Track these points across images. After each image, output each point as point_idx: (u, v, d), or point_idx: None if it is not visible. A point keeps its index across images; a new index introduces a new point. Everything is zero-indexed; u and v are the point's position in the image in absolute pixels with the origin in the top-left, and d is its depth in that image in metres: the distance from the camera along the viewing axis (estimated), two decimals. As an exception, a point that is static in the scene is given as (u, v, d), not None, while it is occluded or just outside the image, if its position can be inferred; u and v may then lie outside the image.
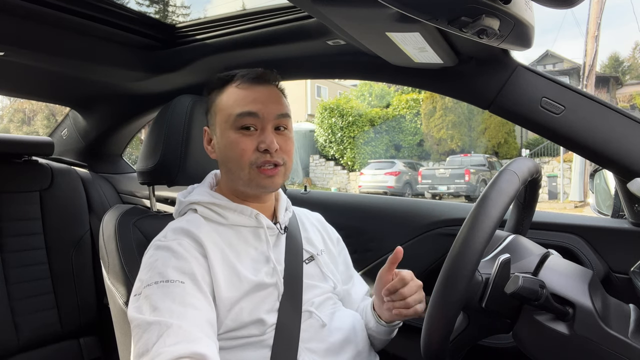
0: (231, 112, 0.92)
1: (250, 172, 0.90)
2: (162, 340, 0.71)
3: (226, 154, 0.93)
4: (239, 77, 0.95)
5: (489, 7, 0.65)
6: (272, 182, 0.92)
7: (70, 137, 2.05)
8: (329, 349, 0.90)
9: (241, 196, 0.97)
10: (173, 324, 0.72)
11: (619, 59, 32.69)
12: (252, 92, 0.93)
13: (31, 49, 1.25)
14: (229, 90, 0.95)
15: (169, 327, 0.72)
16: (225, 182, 0.99)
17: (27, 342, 1.55)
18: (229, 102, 0.93)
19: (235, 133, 0.91)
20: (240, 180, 0.92)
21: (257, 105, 0.91)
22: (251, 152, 0.90)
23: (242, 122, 0.90)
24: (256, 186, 0.92)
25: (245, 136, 0.90)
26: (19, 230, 1.61)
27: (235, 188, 0.96)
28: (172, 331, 0.72)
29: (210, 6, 38.99)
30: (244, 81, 0.94)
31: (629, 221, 1.12)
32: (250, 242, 0.93)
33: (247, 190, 0.94)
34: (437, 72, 1.09)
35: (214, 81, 0.98)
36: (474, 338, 0.83)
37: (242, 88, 0.94)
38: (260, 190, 0.94)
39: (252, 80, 0.94)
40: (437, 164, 14.55)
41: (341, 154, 15.54)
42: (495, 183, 0.74)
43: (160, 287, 0.78)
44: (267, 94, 0.94)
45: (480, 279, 0.77)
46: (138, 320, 0.76)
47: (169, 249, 0.85)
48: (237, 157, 0.90)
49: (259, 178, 0.91)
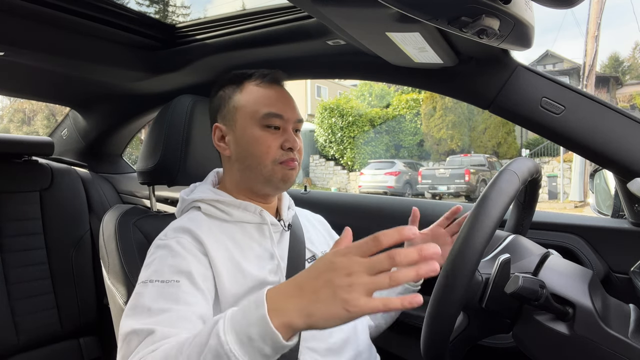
0: (257, 110, 0.93)
1: (274, 168, 0.93)
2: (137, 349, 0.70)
3: (248, 150, 0.94)
4: (258, 75, 0.98)
5: (489, 7, 0.65)
6: (292, 174, 0.95)
7: (70, 137, 2.05)
8: (329, 348, 0.90)
9: (248, 195, 0.97)
10: (156, 330, 0.71)
11: (619, 59, 32.70)
12: (274, 92, 0.96)
13: (31, 49, 1.25)
14: (249, 88, 0.96)
15: (153, 333, 0.71)
16: (234, 179, 0.99)
17: (27, 342, 1.55)
18: (251, 99, 0.95)
19: (261, 130, 0.93)
20: (260, 176, 0.94)
21: (281, 106, 0.94)
22: (276, 149, 0.93)
23: (269, 121, 0.93)
24: (278, 181, 0.94)
25: (271, 134, 0.93)
26: (19, 230, 1.61)
27: (248, 185, 0.97)
28: (154, 337, 0.71)
29: (210, 6, 39.01)
30: (265, 80, 0.97)
31: (629, 221, 1.12)
32: (254, 239, 0.94)
33: (263, 188, 0.96)
34: (437, 72, 1.09)
35: (229, 77, 1.00)
36: (474, 338, 0.83)
37: (264, 87, 0.96)
38: (279, 185, 0.95)
39: (273, 79, 0.98)
40: (437, 164, 14.55)
41: (341, 154, 15.55)
42: (495, 183, 0.74)
43: (155, 286, 0.79)
44: (287, 97, 0.98)
45: (480, 279, 0.77)
46: (124, 329, 0.75)
47: (167, 247, 0.85)
48: (261, 154, 0.92)
49: (283, 170, 0.93)
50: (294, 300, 0.57)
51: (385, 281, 0.54)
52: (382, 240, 0.55)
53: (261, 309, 0.57)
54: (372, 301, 0.54)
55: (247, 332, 0.57)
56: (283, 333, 0.56)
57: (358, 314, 0.54)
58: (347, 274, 0.55)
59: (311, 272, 0.58)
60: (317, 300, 0.56)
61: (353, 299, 0.54)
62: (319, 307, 0.55)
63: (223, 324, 0.59)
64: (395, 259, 0.54)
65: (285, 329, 0.56)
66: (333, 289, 0.55)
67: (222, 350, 0.57)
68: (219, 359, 0.57)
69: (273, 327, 0.55)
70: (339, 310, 0.54)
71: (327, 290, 0.55)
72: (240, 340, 0.57)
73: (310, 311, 0.56)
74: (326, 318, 0.55)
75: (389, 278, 0.54)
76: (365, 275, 0.54)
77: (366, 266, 0.55)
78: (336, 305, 0.54)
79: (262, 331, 0.56)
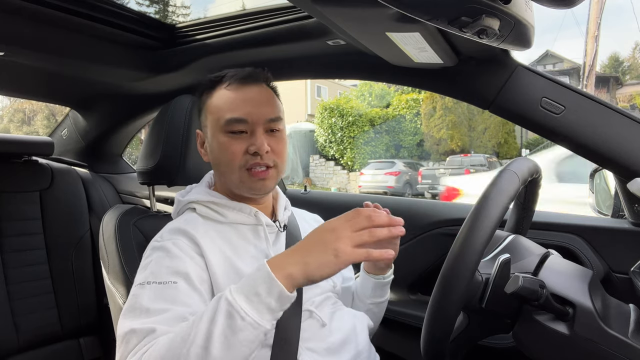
0: (221, 116, 0.90)
1: (241, 174, 0.90)
2: (136, 348, 0.71)
3: (217, 157, 0.92)
4: (228, 77, 0.94)
5: (489, 7, 0.65)
6: (263, 184, 0.91)
7: (70, 137, 2.05)
8: (329, 348, 0.90)
9: (237, 197, 0.97)
10: (156, 329, 0.72)
11: (619, 59, 32.70)
12: (241, 94, 0.91)
13: (31, 49, 1.25)
14: (219, 92, 0.93)
15: (153, 332, 0.71)
16: (220, 183, 0.99)
17: (27, 342, 1.55)
18: (218, 104, 0.92)
19: (225, 136, 0.90)
20: (232, 182, 0.93)
21: (246, 109, 0.90)
22: (241, 155, 0.89)
23: (232, 127, 0.89)
24: (248, 189, 0.92)
25: (235, 139, 0.89)
26: (19, 230, 1.61)
27: (230, 190, 0.96)
28: (154, 336, 0.71)
29: (210, 6, 39.00)
30: (233, 82, 0.92)
31: (629, 221, 1.12)
32: (249, 240, 0.93)
33: (241, 192, 0.94)
34: (437, 72, 1.09)
35: (205, 82, 0.97)
36: (474, 338, 0.83)
37: (231, 89, 0.92)
38: (252, 193, 0.94)
39: (241, 80, 0.92)
40: (437, 164, 14.54)
41: (341, 154, 15.54)
42: (495, 183, 0.74)
43: (152, 288, 0.78)
44: (258, 96, 0.92)
45: (480, 279, 0.77)
46: (122, 329, 0.75)
47: (164, 249, 0.85)
48: (228, 160, 0.90)
49: (250, 181, 0.90)
50: (291, 256, 0.70)
51: (365, 234, 0.69)
52: (363, 212, 0.72)
53: (264, 268, 0.68)
54: (357, 250, 0.68)
55: (255, 290, 0.66)
56: (286, 284, 0.66)
57: (346, 259, 0.67)
58: (335, 231, 0.70)
59: (308, 236, 0.72)
60: (312, 251, 0.69)
61: (342, 247, 0.68)
62: (313, 256, 0.68)
63: (230, 290, 0.67)
64: (371, 219, 0.70)
65: (286, 280, 0.67)
66: (324, 242, 0.69)
67: (232, 309, 0.65)
68: (230, 319, 0.65)
69: (277, 280, 0.66)
70: (330, 257, 0.67)
71: (320, 243, 0.69)
72: (249, 299, 0.66)
73: (306, 260, 0.68)
74: (319, 264, 0.67)
75: (368, 232, 0.70)
76: (349, 231, 0.69)
77: (350, 224, 0.70)
78: (327, 253, 0.68)
79: (268, 286, 0.66)
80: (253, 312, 0.65)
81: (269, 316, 0.66)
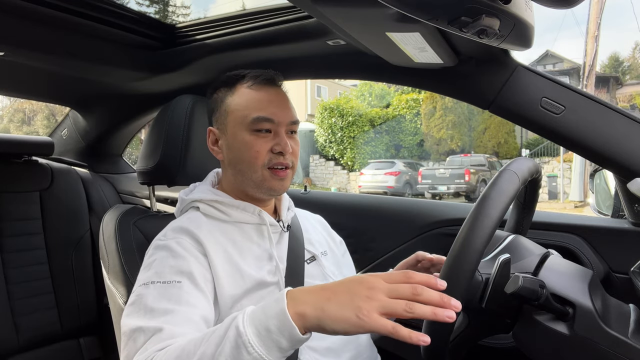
0: (246, 114, 0.91)
1: (263, 173, 0.91)
2: (145, 346, 0.70)
3: (238, 155, 0.92)
4: (250, 77, 0.95)
5: (489, 7, 0.65)
6: (282, 184, 0.93)
7: (70, 137, 2.05)
8: (330, 347, 0.90)
9: (245, 197, 0.97)
10: (164, 328, 0.71)
11: (619, 59, 32.70)
12: (266, 95, 0.93)
13: (31, 49, 1.25)
14: (241, 91, 0.94)
15: (160, 331, 0.71)
16: (230, 182, 0.98)
17: (27, 342, 1.55)
18: (241, 103, 0.93)
19: (250, 135, 0.91)
20: (251, 182, 0.93)
21: (272, 109, 0.91)
22: (265, 153, 0.91)
23: (258, 125, 0.91)
24: (267, 189, 0.93)
25: (260, 138, 0.91)
26: (19, 230, 1.61)
27: (242, 189, 0.96)
28: (162, 335, 0.71)
29: (210, 6, 38.99)
30: (257, 82, 0.94)
31: (629, 221, 1.12)
32: (253, 239, 0.93)
33: (256, 193, 0.94)
34: (437, 72, 1.09)
35: (222, 79, 0.97)
36: (474, 338, 0.83)
37: (255, 89, 0.93)
38: (270, 193, 0.94)
39: (265, 81, 0.94)
40: (437, 164, 14.55)
41: (341, 154, 15.55)
42: (495, 183, 0.74)
43: (157, 287, 0.78)
44: (280, 98, 0.95)
45: (480, 279, 0.77)
46: (128, 326, 0.75)
47: (168, 248, 0.85)
48: (251, 159, 0.91)
49: (272, 180, 0.92)
50: (312, 295, 0.61)
51: (401, 305, 0.56)
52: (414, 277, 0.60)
53: (281, 303, 0.60)
54: (383, 319, 0.56)
55: (266, 325, 0.60)
56: (298, 324, 0.59)
57: (366, 325, 0.56)
58: (368, 287, 0.58)
59: (339, 281, 0.62)
60: (334, 300, 0.59)
61: (367, 309, 0.56)
62: (333, 305, 0.58)
63: (242, 317, 0.62)
64: (416, 291, 0.57)
65: (298, 318, 0.59)
66: (352, 295, 0.58)
67: (240, 340, 0.60)
68: (237, 349, 0.60)
69: (291, 320, 0.59)
70: (350, 314, 0.57)
71: (346, 295, 0.59)
72: (259, 332, 0.60)
73: (324, 307, 0.58)
74: (336, 317, 0.58)
75: (405, 304, 0.57)
76: (384, 295, 0.58)
77: (388, 287, 0.58)
78: (349, 309, 0.57)
79: (280, 324, 0.59)
80: (261, 348, 0.59)
81: (277, 354, 0.60)
